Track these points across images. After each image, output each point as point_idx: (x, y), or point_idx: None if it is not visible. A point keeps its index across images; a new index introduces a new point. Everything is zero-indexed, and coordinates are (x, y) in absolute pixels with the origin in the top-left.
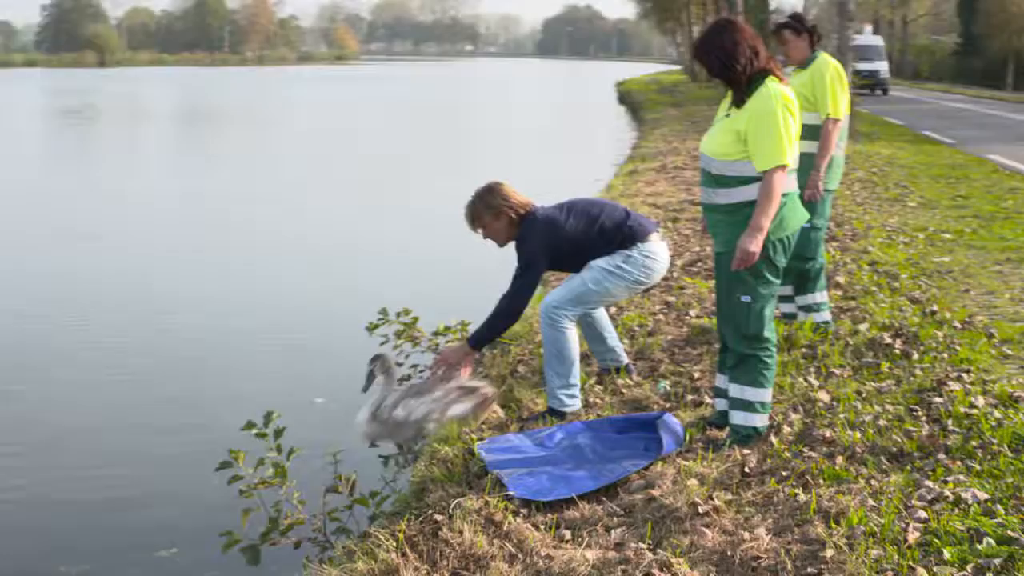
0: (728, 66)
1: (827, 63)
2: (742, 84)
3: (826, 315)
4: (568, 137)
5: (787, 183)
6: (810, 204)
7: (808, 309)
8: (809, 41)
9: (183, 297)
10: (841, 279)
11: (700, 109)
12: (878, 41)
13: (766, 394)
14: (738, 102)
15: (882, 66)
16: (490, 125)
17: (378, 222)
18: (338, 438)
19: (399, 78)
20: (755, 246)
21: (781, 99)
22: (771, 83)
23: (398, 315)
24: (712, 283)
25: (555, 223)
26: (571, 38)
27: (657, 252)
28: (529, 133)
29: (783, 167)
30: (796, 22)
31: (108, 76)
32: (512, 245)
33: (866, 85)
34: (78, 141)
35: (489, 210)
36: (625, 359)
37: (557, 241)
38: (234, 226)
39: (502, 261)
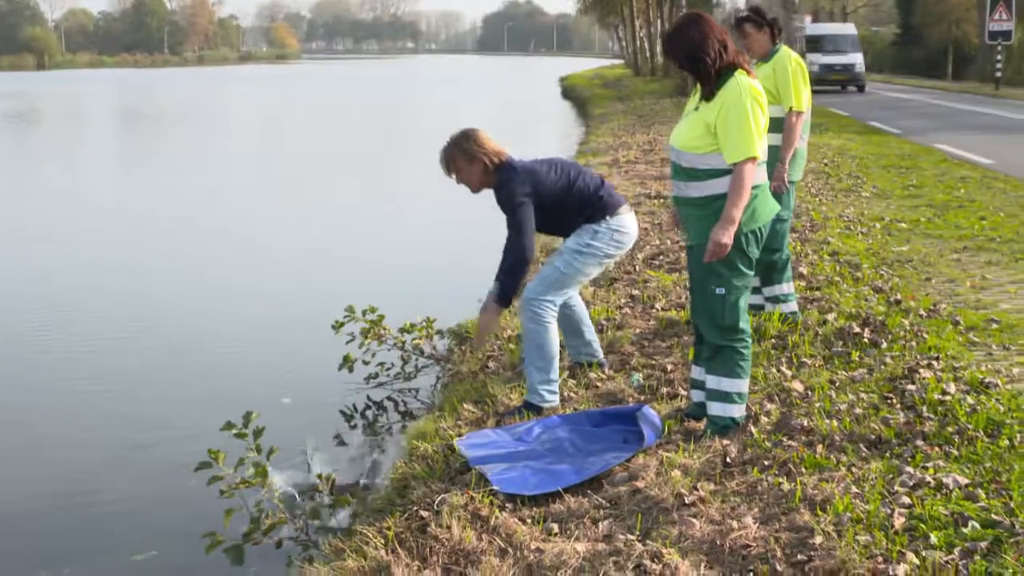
0: (697, 59)
1: (789, 56)
2: (711, 77)
3: (793, 305)
4: (515, 132)
5: (757, 175)
6: (775, 196)
7: (775, 300)
8: (770, 34)
9: (143, 300)
10: (804, 270)
11: (646, 103)
12: (850, 29)
13: (743, 384)
14: (707, 95)
15: (857, 58)
16: (436, 123)
17: (337, 221)
18: (308, 438)
19: (343, 77)
20: (727, 238)
21: (750, 92)
22: (740, 76)
23: (364, 313)
24: (675, 276)
25: (535, 172)
26: (512, 34)
27: (626, 224)
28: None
29: (753, 159)
30: (757, 16)
31: (50, 79)
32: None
33: (838, 81)
34: (31, 145)
35: (464, 155)
36: (600, 355)
37: (538, 190)
38: (191, 228)
39: (465, 258)
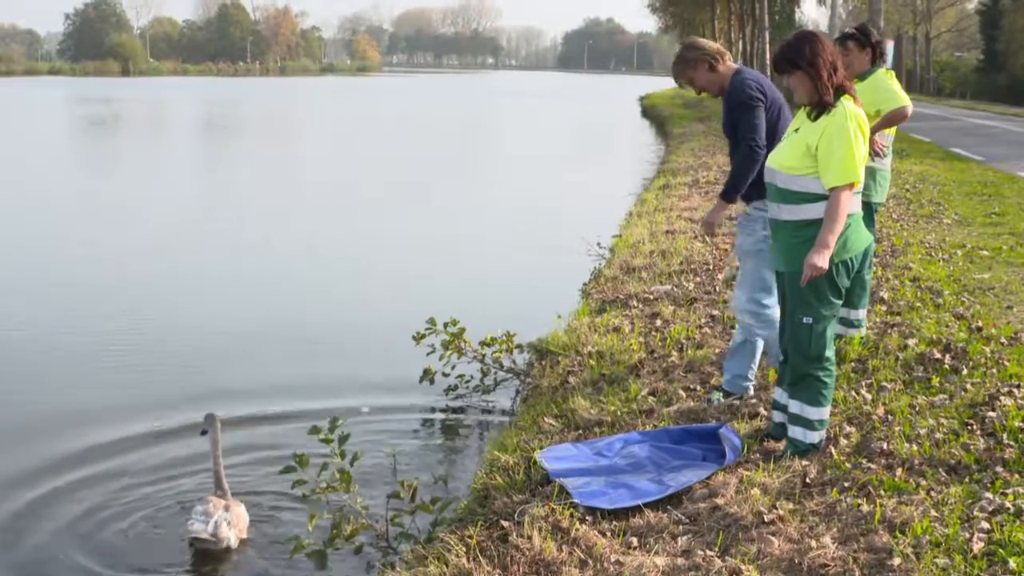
0: (810, 72)
1: (892, 75)
2: (822, 91)
3: (862, 331)
4: (595, 150)
5: (852, 204)
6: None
7: (849, 324)
8: (871, 56)
9: (226, 307)
10: (885, 295)
11: None
12: None
13: (824, 412)
14: (818, 108)
15: None
16: (520, 138)
17: (423, 234)
18: (386, 446)
19: (432, 88)
20: (823, 261)
21: (855, 118)
22: (846, 101)
23: (445, 325)
24: None
25: (775, 98)
26: (592, 52)
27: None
28: (558, 145)
29: (851, 185)
30: (862, 35)
31: (136, 85)
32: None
33: None
34: (127, 150)
35: (685, 64)
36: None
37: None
38: (277, 235)
39: (545, 274)
